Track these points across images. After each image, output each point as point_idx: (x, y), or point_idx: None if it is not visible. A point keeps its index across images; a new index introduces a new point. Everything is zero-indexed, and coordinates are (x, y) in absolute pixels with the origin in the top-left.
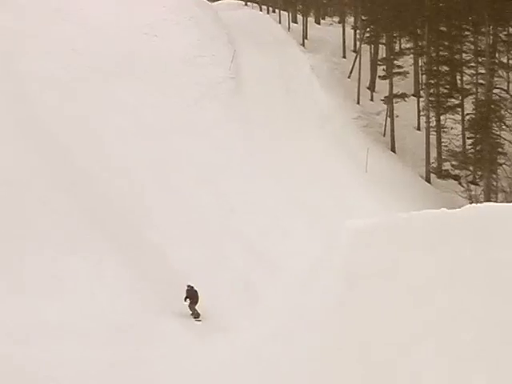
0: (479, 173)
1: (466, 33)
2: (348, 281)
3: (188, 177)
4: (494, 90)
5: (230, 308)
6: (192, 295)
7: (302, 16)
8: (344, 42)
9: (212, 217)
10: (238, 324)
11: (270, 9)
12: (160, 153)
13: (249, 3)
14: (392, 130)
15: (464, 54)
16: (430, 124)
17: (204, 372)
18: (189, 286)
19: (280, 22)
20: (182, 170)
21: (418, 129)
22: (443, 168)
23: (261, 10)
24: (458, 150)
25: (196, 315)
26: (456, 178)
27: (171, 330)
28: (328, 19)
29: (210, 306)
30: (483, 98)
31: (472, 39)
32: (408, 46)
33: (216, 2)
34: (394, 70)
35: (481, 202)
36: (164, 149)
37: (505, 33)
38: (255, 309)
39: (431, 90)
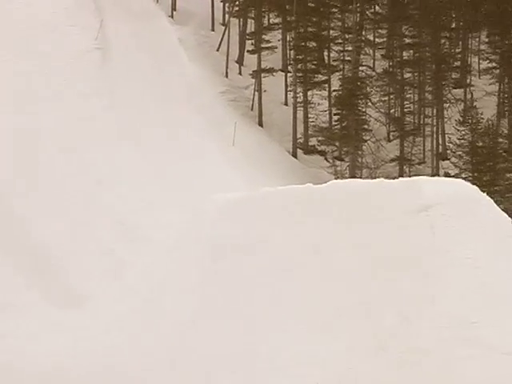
0: (345, 149)
1: (334, 10)
2: (214, 254)
3: (52, 148)
4: (361, 68)
5: (95, 280)
6: None
7: None
8: (213, 14)
9: (78, 188)
10: (104, 297)
11: None
12: (21, 122)
13: None
14: (260, 105)
15: (332, 31)
16: (298, 99)
17: (64, 345)
18: None
19: None
20: (45, 140)
21: (286, 104)
22: (310, 143)
23: None
24: (324, 125)
25: None
26: (322, 153)
27: (32, 302)
28: None
29: (74, 278)
30: (350, 74)
31: (340, 16)
32: (276, 20)
33: None
34: (263, 45)
35: (346, 178)
36: (26, 118)
37: (371, 11)
38: (121, 281)
39: (299, 66)
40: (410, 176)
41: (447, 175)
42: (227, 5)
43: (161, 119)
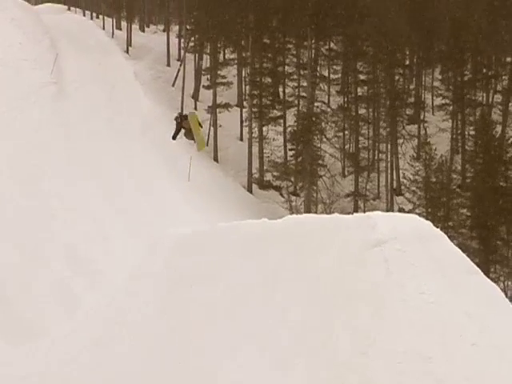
0: (300, 184)
1: (289, 46)
2: (169, 287)
3: (8, 180)
4: (316, 103)
5: (48, 315)
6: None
7: (127, 23)
8: (168, 50)
9: (31, 221)
10: (57, 331)
11: (94, 14)
12: None
13: (72, 8)
14: (215, 140)
15: (287, 67)
16: (253, 134)
17: (17, 380)
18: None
19: (104, 28)
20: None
21: (241, 139)
22: (265, 179)
23: (84, 15)
24: (279, 160)
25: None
26: (277, 188)
27: None
28: (153, 27)
29: (26, 312)
30: (305, 110)
31: (295, 52)
32: (232, 56)
33: (38, 6)
34: (218, 80)
35: (301, 213)
36: None
37: (326, 47)
38: (75, 315)
39: (254, 101)
40: (364, 211)
41: (401, 210)
42: (183, 40)
43: (116, 153)
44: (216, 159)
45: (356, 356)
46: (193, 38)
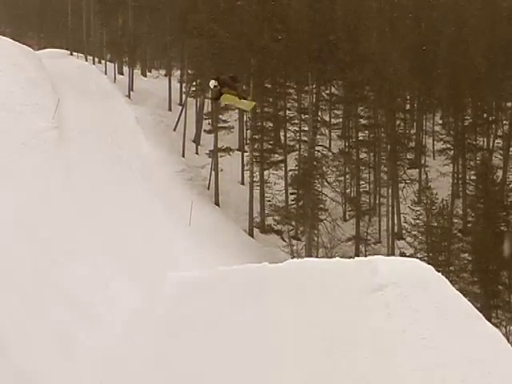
0: (301, 228)
1: (290, 90)
2: (169, 332)
3: (6, 227)
4: (317, 147)
5: (46, 360)
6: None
7: (128, 68)
8: (170, 95)
9: (31, 267)
10: (56, 378)
11: (96, 59)
12: None
13: (74, 53)
14: (216, 184)
15: (288, 111)
16: (254, 179)
17: None
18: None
19: (106, 73)
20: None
21: (242, 183)
22: (266, 223)
23: (86, 60)
24: (280, 204)
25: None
26: (279, 232)
27: None
28: (154, 72)
29: (25, 359)
30: (306, 154)
31: (296, 97)
32: None
33: (40, 51)
34: (220, 125)
35: (302, 257)
36: None
37: (327, 92)
38: (75, 362)
39: (255, 146)
40: (365, 255)
41: (403, 255)
42: (184, 85)
43: (116, 199)
44: (217, 203)
45: None
46: (194, 83)
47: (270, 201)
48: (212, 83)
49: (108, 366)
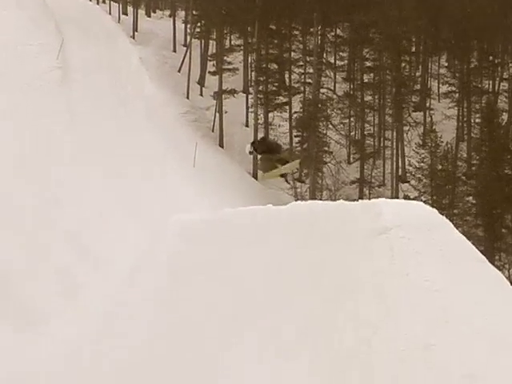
0: (305, 171)
1: (296, 32)
2: (172, 275)
3: (7, 168)
4: (321, 90)
5: (51, 302)
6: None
7: (133, 8)
8: (174, 35)
9: (35, 208)
10: (59, 320)
11: None
12: None
13: None
14: (221, 126)
15: (293, 53)
16: (259, 121)
17: (21, 368)
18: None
19: (110, 13)
20: (1, 159)
21: (247, 125)
22: None
23: (90, 0)
24: (285, 147)
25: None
26: (282, 175)
27: None
28: (159, 12)
29: (29, 301)
30: (311, 96)
31: (301, 39)
32: (238, 42)
33: None
34: (224, 66)
35: (306, 200)
36: None
37: (333, 34)
38: (76, 304)
39: (260, 87)
40: (369, 198)
41: (407, 198)
42: (189, 26)
43: (120, 139)
44: (221, 145)
45: (359, 345)
46: (199, 24)
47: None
48: (248, 148)
49: (109, 307)
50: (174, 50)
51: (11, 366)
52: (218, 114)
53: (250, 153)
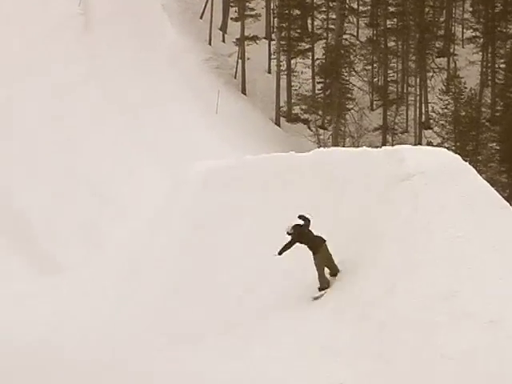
0: (328, 117)
1: None
2: (195, 221)
3: (32, 117)
4: (344, 36)
5: (74, 250)
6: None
7: None
8: None
9: (58, 158)
10: (83, 265)
11: None
12: (2, 92)
13: None
14: (243, 73)
15: None
16: (281, 68)
17: (46, 312)
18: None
19: None
20: (25, 110)
21: (269, 72)
22: (293, 112)
23: None
24: (307, 94)
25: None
26: (305, 122)
27: (13, 268)
28: None
29: (52, 247)
30: (333, 43)
31: None
32: None
33: None
34: (246, 12)
35: (329, 147)
36: (6, 88)
37: None
38: (101, 250)
39: (282, 34)
40: (392, 145)
41: (430, 144)
42: None
43: (142, 86)
44: (244, 92)
45: (383, 291)
46: None
47: (296, 90)
48: (287, 228)
49: (133, 252)
50: None
51: (38, 309)
52: (240, 61)
53: (288, 234)
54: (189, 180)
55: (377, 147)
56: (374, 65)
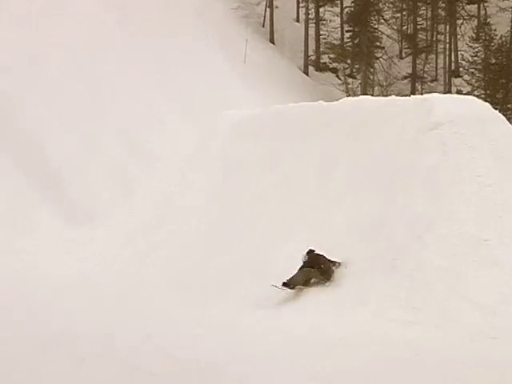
0: (357, 66)
1: None
2: (225, 170)
3: (61, 65)
4: None
5: (106, 197)
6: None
7: None
8: None
9: (88, 104)
10: (115, 214)
11: None
12: (28, 41)
13: None
14: (271, 22)
15: None
16: (309, 16)
17: (79, 260)
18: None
19: None
20: (53, 57)
21: (297, 21)
22: (321, 61)
23: None
24: (336, 42)
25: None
26: (334, 71)
27: (44, 217)
28: None
29: (83, 196)
30: None
31: None
32: None
33: None
34: None
35: (358, 95)
36: (33, 36)
37: None
38: (130, 199)
39: None
40: (422, 93)
41: (459, 92)
42: None
43: (169, 35)
44: (272, 41)
45: (412, 240)
46: None
47: (325, 38)
48: (303, 257)
49: (164, 203)
50: None
51: (67, 261)
52: (268, 9)
53: (304, 262)
54: (218, 129)
55: (406, 96)
56: (403, 12)
